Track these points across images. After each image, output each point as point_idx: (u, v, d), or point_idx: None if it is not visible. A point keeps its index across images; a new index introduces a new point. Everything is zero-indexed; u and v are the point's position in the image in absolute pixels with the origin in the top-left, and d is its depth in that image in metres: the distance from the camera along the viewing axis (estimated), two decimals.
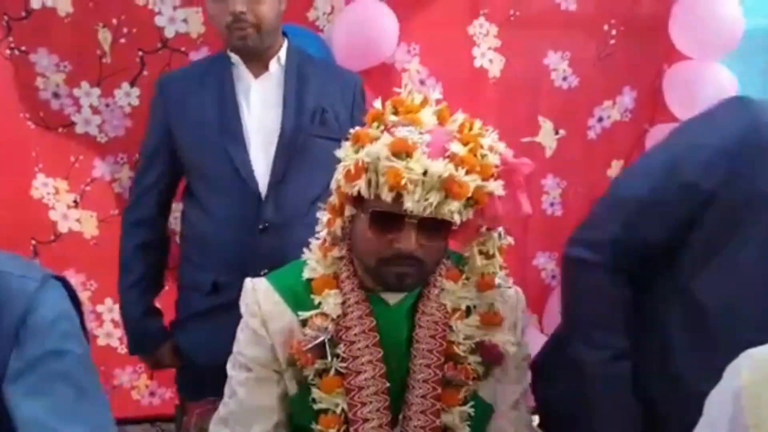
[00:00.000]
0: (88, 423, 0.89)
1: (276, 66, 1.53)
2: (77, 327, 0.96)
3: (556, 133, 2.22)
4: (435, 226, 0.99)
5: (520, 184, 1.05)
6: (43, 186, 1.91)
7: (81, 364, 0.94)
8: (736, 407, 0.85)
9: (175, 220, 1.77)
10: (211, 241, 1.52)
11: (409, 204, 0.96)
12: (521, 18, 2.11)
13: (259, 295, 1.08)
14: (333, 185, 1.06)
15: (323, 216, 1.11)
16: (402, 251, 0.99)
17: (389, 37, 1.96)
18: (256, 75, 1.52)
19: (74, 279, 1.97)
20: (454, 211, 0.97)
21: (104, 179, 1.96)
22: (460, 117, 1.04)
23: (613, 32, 2.17)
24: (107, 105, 1.92)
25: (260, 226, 1.48)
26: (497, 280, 1.10)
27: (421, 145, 0.97)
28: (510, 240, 1.11)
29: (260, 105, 1.51)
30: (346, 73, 1.68)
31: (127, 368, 2.05)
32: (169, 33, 1.91)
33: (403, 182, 0.95)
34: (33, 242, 1.92)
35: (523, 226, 2.16)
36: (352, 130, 1.05)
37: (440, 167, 0.96)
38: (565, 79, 2.20)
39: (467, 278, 1.10)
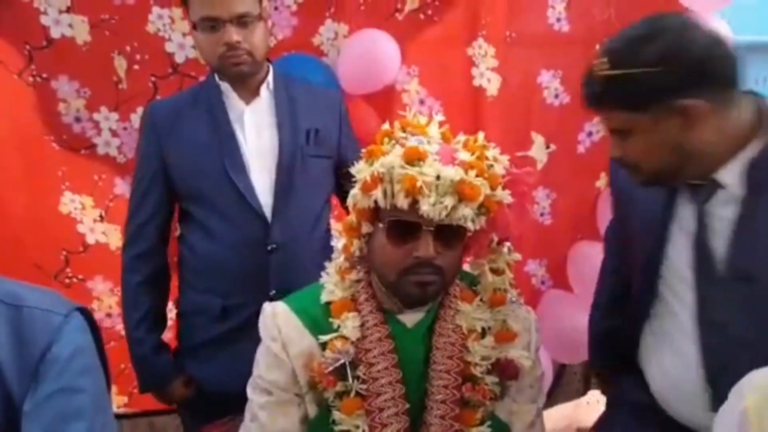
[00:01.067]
0: None
1: (266, 91, 1.56)
2: (95, 361, 0.98)
3: (547, 147, 2.33)
4: (450, 234, 1.04)
5: (525, 193, 1.13)
6: (70, 202, 2.06)
7: (94, 402, 0.95)
8: (741, 427, 0.91)
9: None
10: (219, 265, 1.52)
11: (425, 207, 1.00)
12: (517, 39, 2.23)
13: (278, 319, 1.12)
14: (349, 202, 1.11)
15: (338, 242, 1.17)
16: (421, 258, 1.03)
17: (392, 64, 2.09)
18: (247, 101, 1.55)
19: (102, 285, 2.13)
20: (467, 216, 1.03)
21: (125, 196, 2.09)
22: (462, 137, 1.12)
23: None
24: (125, 128, 2.05)
25: (269, 248, 1.51)
26: (509, 297, 1.17)
27: (431, 153, 1.04)
28: (518, 256, 1.17)
29: (255, 130, 1.55)
30: (328, 91, 1.77)
31: None
32: (179, 59, 2.02)
33: (418, 185, 1.00)
34: (64, 253, 2.07)
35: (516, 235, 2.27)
36: (360, 152, 1.13)
37: (452, 172, 1.02)
38: (556, 96, 2.32)
39: (481, 299, 1.15)
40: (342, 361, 1.07)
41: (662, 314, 1.23)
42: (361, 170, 1.09)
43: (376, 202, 1.06)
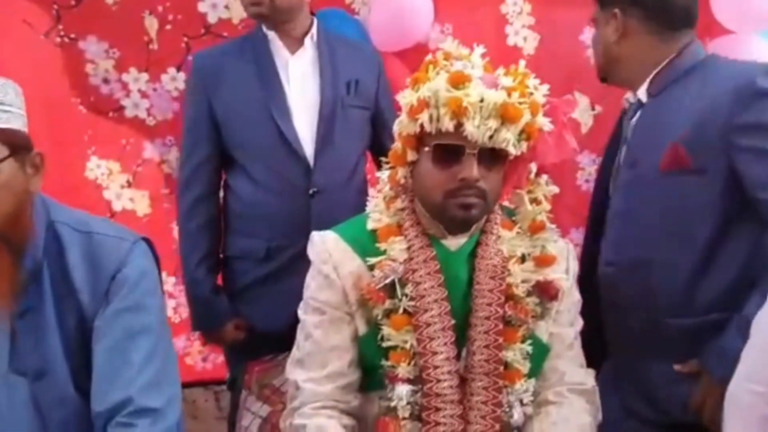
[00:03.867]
0: (154, 367, 1.02)
1: (310, 42, 1.68)
2: (158, 284, 1.09)
3: (593, 109, 2.24)
4: (493, 158, 1.12)
5: (564, 123, 1.20)
6: (96, 168, 2.10)
7: (159, 320, 1.07)
8: None
9: None
10: (263, 209, 1.63)
11: (470, 129, 1.08)
12: None
13: (328, 244, 1.20)
14: (396, 130, 1.19)
15: (383, 174, 1.25)
16: (466, 180, 1.10)
17: (424, 19, 2.10)
18: (292, 51, 1.66)
19: None
20: (509, 140, 1.10)
21: (154, 160, 2.12)
22: (502, 69, 1.18)
23: None
24: (155, 89, 2.09)
25: (310, 192, 1.62)
26: (548, 225, 1.24)
27: (475, 77, 1.11)
28: (555, 188, 1.25)
29: (299, 79, 1.66)
30: (366, 46, 1.89)
31: (181, 336, 2.23)
32: (212, 19, 2.06)
33: (463, 105, 1.07)
34: None
35: (557, 202, 2.17)
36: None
37: (495, 95, 1.09)
38: None
39: (520, 228, 1.23)
40: (392, 278, 1.14)
41: None
42: (406, 96, 1.16)
43: (421, 127, 1.12)
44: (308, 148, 1.63)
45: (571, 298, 1.24)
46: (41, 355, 1.00)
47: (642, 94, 1.41)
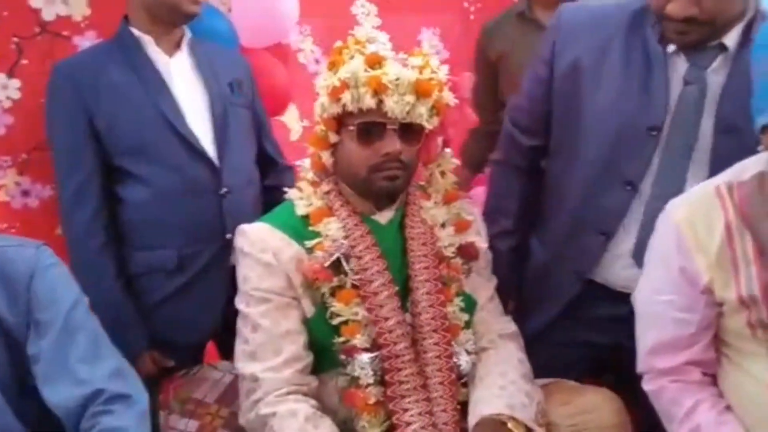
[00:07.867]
0: (108, 360, 1.10)
1: (186, 46, 1.70)
2: (71, 277, 1.12)
3: None
4: (411, 132, 1.26)
5: (464, 98, 1.43)
6: None
7: (87, 312, 1.11)
8: (678, 237, 1.07)
9: None
10: (170, 218, 1.58)
11: (390, 104, 1.20)
12: None
13: (262, 233, 1.26)
14: (317, 112, 1.27)
15: (305, 162, 1.34)
16: (390, 154, 1.23)
17: (290, 17, 2.16)
18: (169, 54, 1.65)
19: None
20: (424, 114, 1.24)
21: None
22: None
23: (472, 8, 2.50)
24: None
25: (221, 192, 1.61)
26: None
27: (389, 57, 1.26)
28: (457, 161, 1.44)
29: (184, 80, 1.66)
30: (235, 51, 1.94)
31: None
32: (47, 16, 1.86)
33: (383, 83, 1.19)
34: None
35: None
36: None
37: (409, 73, 1.24)
38: (438, 53, 2.48)
39: (435, 199, 1.39)
40: (337, 255, 1.22)
41: None
42: (327, 78, 1.26)
43: (343, 108, 1.23)
44: (209, 148, 1.63)
45: (486, 256, 1.43)
46: None
47: (732, 39, 1.19)
